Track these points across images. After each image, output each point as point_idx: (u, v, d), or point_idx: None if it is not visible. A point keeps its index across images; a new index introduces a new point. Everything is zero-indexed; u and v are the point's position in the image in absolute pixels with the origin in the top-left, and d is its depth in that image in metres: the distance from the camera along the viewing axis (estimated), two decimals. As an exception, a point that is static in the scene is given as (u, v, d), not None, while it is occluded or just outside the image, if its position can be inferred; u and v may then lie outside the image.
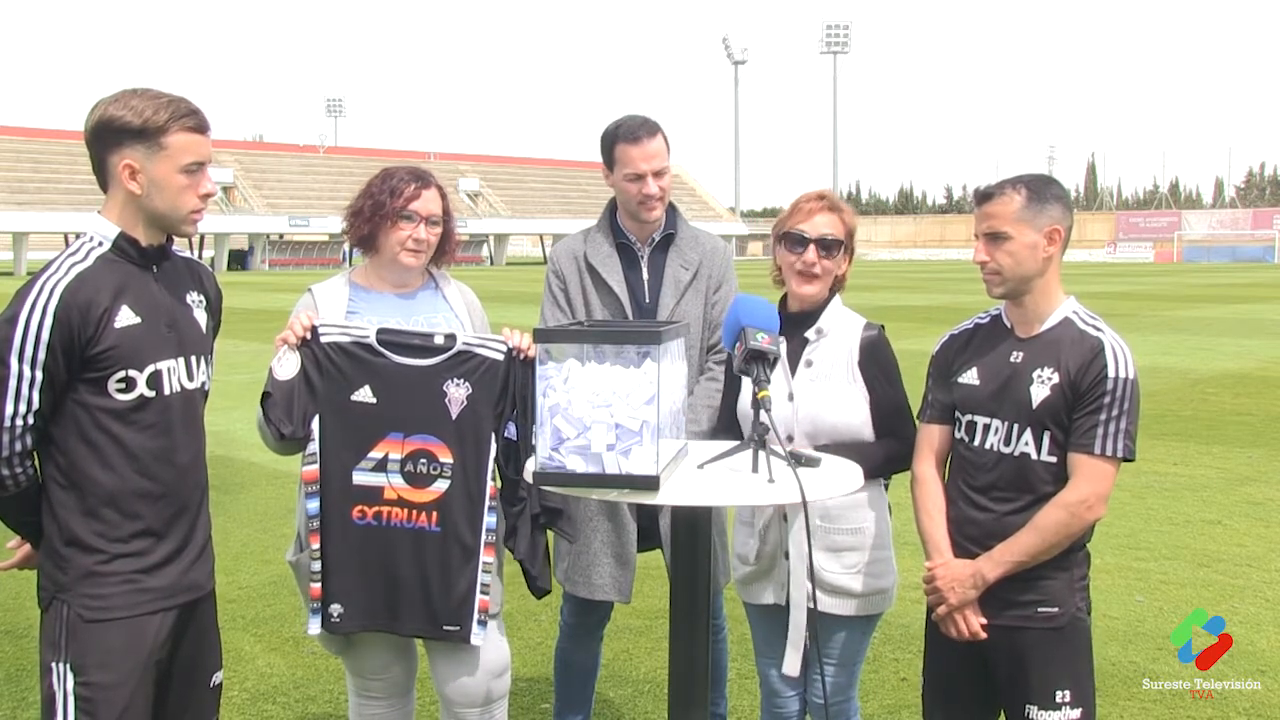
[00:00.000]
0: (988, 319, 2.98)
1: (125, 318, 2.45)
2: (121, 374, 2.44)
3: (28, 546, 2.66)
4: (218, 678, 2.77)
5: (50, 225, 55.67)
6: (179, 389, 2.56)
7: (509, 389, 2.88)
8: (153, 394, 2.49)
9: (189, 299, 2.65)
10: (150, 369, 2.48)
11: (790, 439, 3.00)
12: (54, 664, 2.46)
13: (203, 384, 2.68)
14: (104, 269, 2.47)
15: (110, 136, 2.45)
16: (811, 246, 3.06)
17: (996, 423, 2.82)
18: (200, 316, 2.67)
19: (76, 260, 2.46)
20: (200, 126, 2.51)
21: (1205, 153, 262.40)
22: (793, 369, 3.07)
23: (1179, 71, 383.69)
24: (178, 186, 2.49)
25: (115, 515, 2.48)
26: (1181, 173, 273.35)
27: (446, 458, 2.88)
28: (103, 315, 2.42)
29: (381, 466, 2.87)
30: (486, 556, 2.91)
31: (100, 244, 2.50)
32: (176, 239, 2.65)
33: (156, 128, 2.44)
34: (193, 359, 2.61)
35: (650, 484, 2.20)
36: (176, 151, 2.47)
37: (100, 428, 2.45)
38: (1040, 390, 2.76)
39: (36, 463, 2.50)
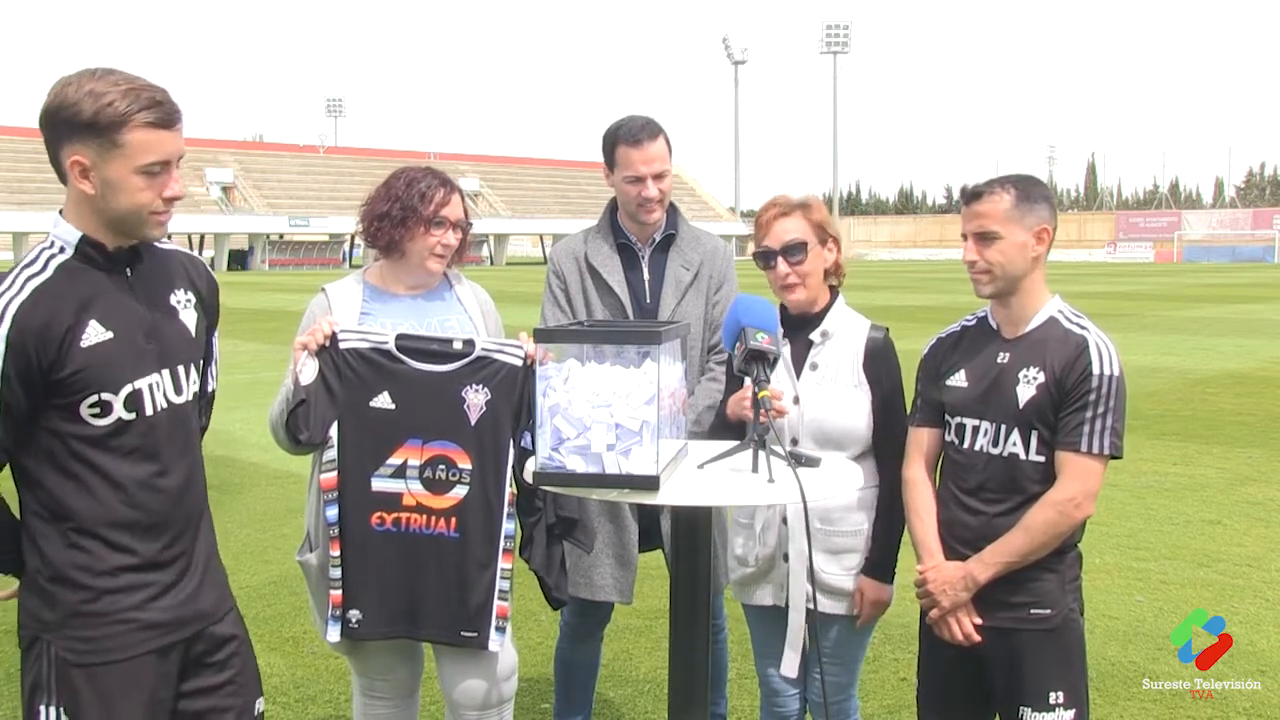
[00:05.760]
0: (974, 321, 2.99)
1: (93, 334, 2.17)
2: (94, 398, 2.17)
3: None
4: (259, 706, 2.53)
5: (50, 225, 55.56)
6: (164, 406, 2.28)
7: (526, 395, 2.88)
8: (132, 416, 2.22)
9: (174, 300, 2.37)
10: (127, 389, 2.21)
11: (795, 442, 3.00)
12: (42, 706, 2.24)
13: (195, 394, 2.41)
14: (65, 280, 2.17)
15: (59, 126, 2.11)
16: (779, 258, 3.05)
17: (985, 424, 2.82)
18: (189, 318, 2.39)
19: (33, 273, 2.17)
20: (166, 120, 2.15)
21: (1205, 153, 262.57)
22: (797, 371, 3.07)
23: (1179, 71, 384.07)
24: (134, 189, 2.15)
25: (101, 548, 2.22)
26: (1181, 173, 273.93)
27: (465, 463, 2.87)
28: (65, 335, 2.13)
29: (400, 473, 2.86)
30: (504, 563, 2.91)
31: (61, 250, 2.21)
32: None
33: (110, 122, 2.09)
34: (179, 369, 2.33)
35: (650, 484, 2.21)
36: (135, 151, 2.13)
37: (77, 456, 2.19)
38: (1027, 390, 2.76)
39: (5, 500, 2.31)
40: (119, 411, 2.21)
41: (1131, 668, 4.72)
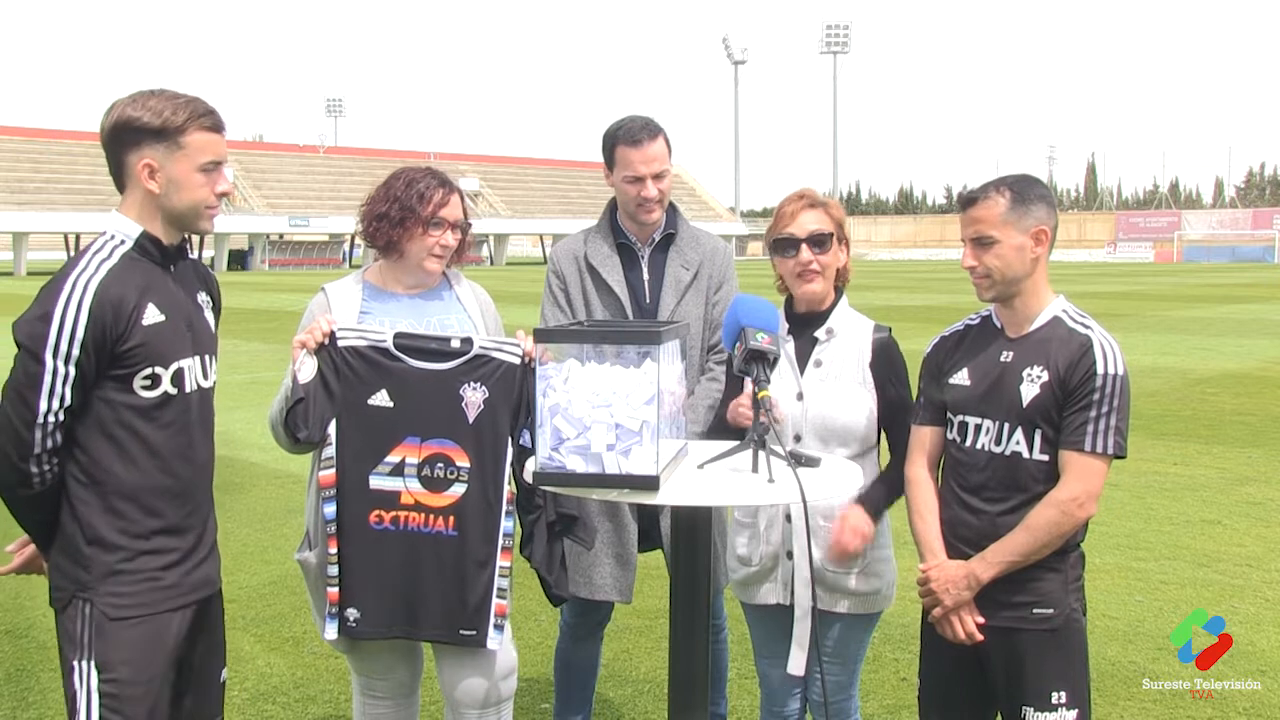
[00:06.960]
0: (978, 320, 2.99)
1: (152, 315, 2.49)
2: (148, 371, 2.48)
3: (30, 549, 2.66)
4: (223, 675, 2.79)
5: (50, 225, 55.73)
6: (196, 387, 2.60)
7: (524, 393, 2.88)
8: (175, 391, 2.54)
9: (200, 299, 2.70)
10: (175, 367, 2.53)
11: (798, 438, 3.01)
12: (76, 662, 2.47)
13: (214, 383, 2.71)
14: (130, 267, 2.50)
15: (129, 136, 2.48)
16: (803, 246, 3.07)
17: (988, 423, 2.82)
18: (209, 317, 2.72)
19: (104, 258, 2.49)
20: (216, 126, 2.55)
21: (1205, 153, 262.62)
22: (801, 368, 3.08)
23: (1179, 71, 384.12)
24: (195, 185, 2.53)
25: (137, 512, 2.50)
26: (1181, 173, 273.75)
27: (463, 462, 2.87)
28: (132, 312, 2.45)
29: (399, 471, 2.86)
30: (503, 561, 2.91)
31: (123, 242, 2.53)
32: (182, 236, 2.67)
33: (175, 128, 2.48)
34: (206, 358, 2.65)
35: (650, 484, 2.20)
36: (195, 151, 2.51)
37: (123, 424, 2.48)
38: (1030, 389, 2.76)
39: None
40: (165, 385, 2.52)
41: (1131, 668, 4.72)
